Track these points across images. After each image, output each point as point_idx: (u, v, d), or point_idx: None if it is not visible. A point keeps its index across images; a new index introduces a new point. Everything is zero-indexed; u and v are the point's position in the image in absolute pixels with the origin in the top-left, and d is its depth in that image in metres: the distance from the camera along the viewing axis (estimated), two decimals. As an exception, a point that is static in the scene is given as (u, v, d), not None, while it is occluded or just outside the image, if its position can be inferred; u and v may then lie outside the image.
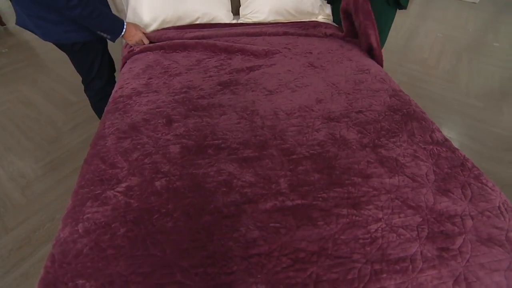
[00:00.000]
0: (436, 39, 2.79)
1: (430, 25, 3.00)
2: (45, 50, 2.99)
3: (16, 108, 2.23)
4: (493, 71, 2.38)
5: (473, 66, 2.43)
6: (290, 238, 0.63)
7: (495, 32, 2.96)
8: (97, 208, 0.69)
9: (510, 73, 2.37)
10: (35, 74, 2.62)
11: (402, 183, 0.75)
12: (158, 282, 0.56)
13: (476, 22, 3.16)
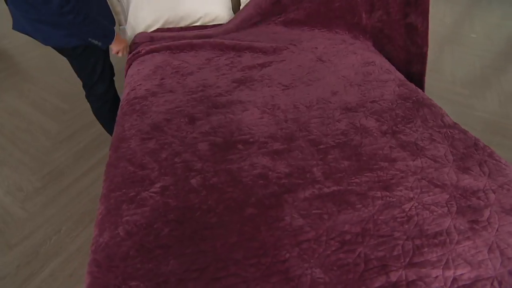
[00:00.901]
0: (419, 32, 2.93)
1: (411, 19, 3.14)
2: (26, 58, 2.85)
3: (4, 120, 2.12)
4: (474, 60, 2.54)
5: (455, 56, 2.58)
6: (333, 223, 0.66)
7: (470, 24, 3.16)
8: (135, 210, 0.68)
9: (488, 62, 2.54)
10: (20, 83, 2.49)
11: (425, 164, 0.80)
12: (214, 277, 0.57)
13: (453, 15, 3.35)
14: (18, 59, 2.86)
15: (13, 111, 2.21)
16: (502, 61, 2.56)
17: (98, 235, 0.67)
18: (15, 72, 2.68)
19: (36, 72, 2.62)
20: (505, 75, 2.40)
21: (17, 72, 2.68)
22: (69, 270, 1.31)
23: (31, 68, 2.68)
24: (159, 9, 1.37)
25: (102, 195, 0.77)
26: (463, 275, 0.58)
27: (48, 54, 2.88)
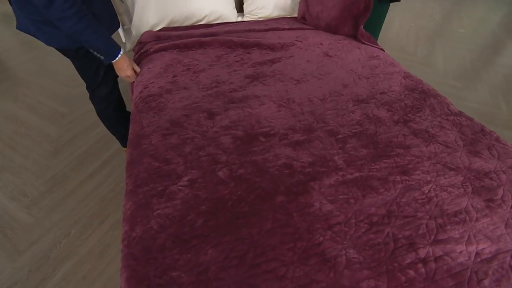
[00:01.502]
0: (410, 28, 3.02)
1: (402, 16, 3.24)
2: (17, 63, 2.79)
3: (1, 125, 2.07)
4: (464, 54, 2.64)
5: (446, 51, 2.67)
6: (360, 206, 0.69)
7: (458, 19, 3.28)
8: (165, 203, 0.70)
9: (477, 55, 2.64)
10: (13, 88, 2.44)
11: (438, 149, 0.84)
12: (254, 263, 0.59)
13: (441, 11, 3.46)
14: (9, 64, 2.79)
15: (10, 116, 2.16)
16: (490, 54, 2.68)
17: (130, 229, 0.68)
18: (7, 77, 2.62)
19: (29, 76, 2.56)
20: (494, 67, 2.51)
21: (9, 77, 2.62)
22: (82, 273, 1.30)
23: (23, 72, 2.62)
24: (165, 9, 1.37)
25: (128, 191, 0.77)
26: (484, 249, 0.63)
27: (40, 57, 2.82)
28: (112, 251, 1.37)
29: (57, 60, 2.76)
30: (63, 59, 3.05)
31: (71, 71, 2.58)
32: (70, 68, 2.75)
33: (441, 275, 0.58)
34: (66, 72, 2.56)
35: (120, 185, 1.65)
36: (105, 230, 1.46)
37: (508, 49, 2.78)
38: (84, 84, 2.28)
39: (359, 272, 0.58)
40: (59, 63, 2.70)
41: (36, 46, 3.01)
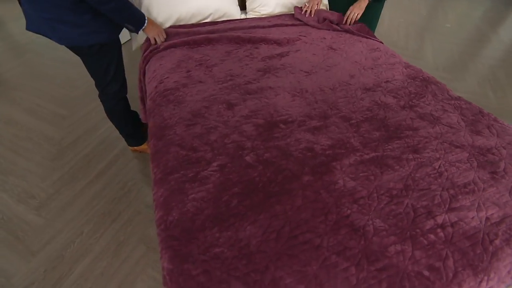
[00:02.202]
0: (399, 24, 3.14)
1: (391, 12, 3.36)
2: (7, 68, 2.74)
3: (0, 130, 2.04)
4: (451, 47, 2.78)
5: (434, 45, 2.80)
6: (379, 182, 0.75)
7: (444, 15, 3.43)
8: (199, 188, 0.74)
9: (464, 48, 2.78)
10: (8, 92, 2.40)
11: (443, 130, 0.91)
12: (291, 235, 0.64)
13: (427, 7, 3.61)
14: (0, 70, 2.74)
15: (8, 119, 2.13)
16: (475, 47, 2.82)
17: (165, 214, 0.71)
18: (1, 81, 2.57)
19: (24, 80, 2.53)
20: (480, 59, 2.65)
21: (1, 82, 2.57)
22: (99, 270, 1.31)
23: (16, 76, 2.58)
24: (171, 7, 1.41)
25: (158, 179, 0.80)
26: (493, 214, 0.70)
27: (32, 61, 2.79)
28: (127, 248, 1.39)
29: (51, 63, 2.73)
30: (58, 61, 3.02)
31: (67, 74, 2.58)
32: (66, 70, 2.73)
33: (458, 238, 0.65)
34: (62, 75, 2.54)
35: (129, 184, 1.67)
36: (118, 227, 1.47)
37: (492, 42, 2.94)
38: (83, 86, 2.31)
39: (386, 238, 0.63)
40: (53, 66, 2.67)
41: (26, 50, 2.97)
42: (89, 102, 2.26)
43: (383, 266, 0.59)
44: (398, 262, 0.60)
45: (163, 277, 0.64)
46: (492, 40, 2.99)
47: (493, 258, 0.62)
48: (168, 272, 0.61)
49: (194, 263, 0.60)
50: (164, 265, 0.63)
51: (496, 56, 2.70)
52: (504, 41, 2.97)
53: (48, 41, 3.07)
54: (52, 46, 2.97)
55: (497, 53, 2.75)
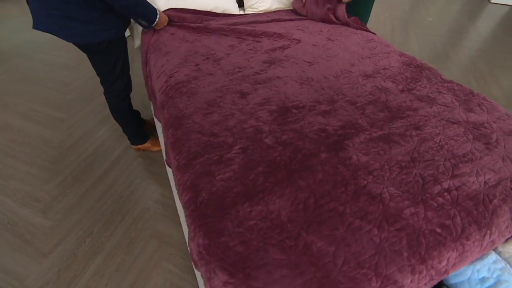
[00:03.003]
0: (385, 19, 3.28)
1: (377, 8, 3.50)
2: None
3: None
4: (434, 39, 2.93)
5: (418, 38, 2.95)
6: (389, 156, 0.82)
7: (425, 9, 3.60)
8: (225, 169, 0.78)
9: (446, 40, 2.94)
10: (0, 98, 2.34)
11: (440, 109, 1.00)
12: (317, 205, 0.70)
13: (409, 2, 3.79)
14: (-13, 75, 2.67)
15: (3, 125, 2.09)
16: (456, 39, 2.99)
17: (194, 196, 0.75)
18: (-10, 87, 2.50)
19: (14, 85, 2.48)
20: (461, 50, 2.81)
21: (-8, 88, 2.50)
22: (114, 266, 1.33)
23: (4, 82, 2.52)
24: (173, 4, 1.44)
25: (182, 165, 0.84)
26: (490, 178, 0.78)
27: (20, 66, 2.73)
28: (139, 244, 1.41)
29: (41, 67, 2.69)
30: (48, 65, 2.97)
31: (59, 77, 2.55)
32: (58, 73, 2.70)
33: (463, 199, 0.72)
34: (55, 78, 2.51)
35: (135, 182, 1.68)
36: (128, 224, 1.49)
37: (470, 33, 3.12)
38: (77, 89, 2.32)
39: (401, 203, 0.71)
40: (44, 70, 2.62)
41: (12, 55, 2.90)
42: (87, 104, 2.24)
43: (401, 226, 0.66)
44: (413, 223, 0.67)
45: (197, 253, 0.68)
46: (471, 31, 3.18)
47: (493, 215, 0.70)
48: (205, 247, 0.65)
49: (230, 236, 0.64)
50: (199, 242, 0.67)
51: (476, 47, 2.87)
52: (481, 33, 3.16)
53: (36, 45, 3.01)
54: (40, 50, 2.91)
55: (476, 44, 2.92)
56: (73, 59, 2.77)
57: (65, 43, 3.03)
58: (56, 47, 2.97)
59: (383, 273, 0.59)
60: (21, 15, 3.56)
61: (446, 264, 0.64)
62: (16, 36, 3.18)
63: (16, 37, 3.15)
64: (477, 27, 3.24)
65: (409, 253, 0.61)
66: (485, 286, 0.67)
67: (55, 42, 3.03)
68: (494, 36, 3.08)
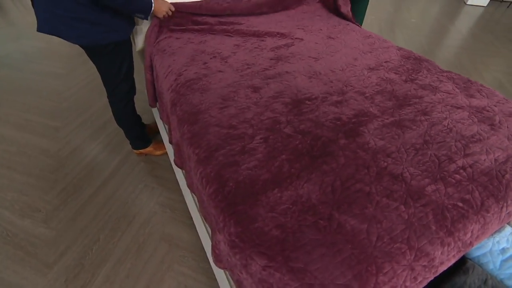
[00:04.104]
0: (372, 21, 3.42)
1: (362, 11, 3.65)
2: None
3: (-13, 148, 1.92)
4: (420, 39, 3.08)
5: (405, 37, 3.09)
6: (403, 140, 0.86)
7: (407, 11, 3.78)
8: (249, 158, 0.79)
9: (430, 40, 3.10)
10: (-8, 109, 2.26)
11: (443, 96, 1.05)
12: (344, 187, 0.72)
13: (392, 4, 3.97)
14: (-25, 85, 2.58)
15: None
16: (439, 38, 3.15)
17: (220, 187, 0.75)
18: (-21, 99, 2.42)
19: (5, 95, 2.41)
20: (445, 48, 2.96)
21: (-19, 99, 2.42)
22: (124, 272, 1.30)
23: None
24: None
25: (203, 158, 0.84)
26: (499, 156, 0.83)
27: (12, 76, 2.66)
28: (149, 248, 1.38)
29: (33, 77, 2.62)
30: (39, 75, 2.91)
31: (52, 86, 2.49)
32: (50, 83, 2.64)
33: (478, 175, 0.76)
34: (48, 87, 2.45)
35: (139, 186, 1.66)
36: (135, 229, 1.46)
37: (451, 32, 3.30)
38: (72, 97, 2.29)
39: (422, 181, 0.74)
40: (35, 80, 2.56)
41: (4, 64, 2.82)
42: (82, 111, 2.20)
43: (425, 202, 0.69)
44: (436, 199, 0.70)
45: (229, 242, 0.68)
46: (452, 31, 3.35)
47: (508, 188, 0.75)
48: (238, 235, 0.65)
49: (264, 221, 0.65)
50: (230, 231, 0.67)
51: (458, 45, 3.03)
52: (461, 32, 3.34)
53: (24, 55, 2.94)
54: (29, 60, 2.84)
55: (458, 42, 3.09)
56: (64, 68, 2.73)
57: (55, 51, 2.98)
58: (46, 56, 2.91)
59: (415, 246, 0.61)
60: (6, 26, 3.48)
61: (470, 236, 0.67)
62: (3, 47, 3.10)
63: (3, 48, 3.07)
64: (457, 27, 3.42)
65: (436, 227, 0.64)
66: (506, 256, 0.71)
67: (45, 52, 2.97)
68: (473, 35, 3.26)
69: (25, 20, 3.66)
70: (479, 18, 3.70)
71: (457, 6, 4.04)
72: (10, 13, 3.90)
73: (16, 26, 3.53)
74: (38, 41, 3.18)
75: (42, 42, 3.17)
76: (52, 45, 3.12)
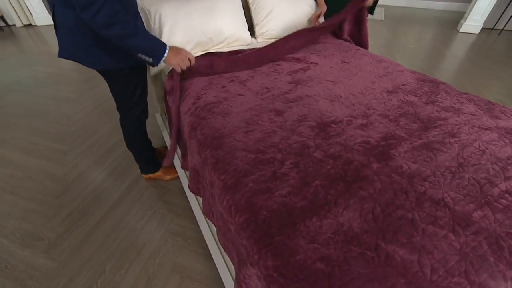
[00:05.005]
0: (372, 47, 3.54)
1: (362, 38, 3.80)
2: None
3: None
4: (419, 64, 3.17)
5: (406, 62, 3.18)
6: (436, 163, 0.83)
7: (405, 37, 3.94)
8: (282, 184, 0.76)
9: (430, 64, 3.19)
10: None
11: (468, 118, 1.05)
12: (385, 214, 0.68)
13: (389, 32, 4.14)
14: (-19, 109, 2.57)
15: (3, 161, 1.97)
16: (438, 62, 3.25)
17: (253, 215, 0.70)
18: (-15, 122, 2.41)
19: (15, 119, 2.40)
20: (445, 71, 3.04)
21: (-12, 123, 2.41)
22: (133, 306, 1.20)
23: (4, 117, 2.43)
24: (191, 32, 1.49)
25: (230, 185, 0.80)
26: (539, 177, 0.80)
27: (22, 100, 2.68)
28: (159, 280, 1.30)
29: (43, 101, 2.63)
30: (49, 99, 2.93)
31: (61, 110, 2.49)
32: (59, 107, 2.65)
33: (523, 199, 0.73)
34: (57, 111, 2.45)
35: (149, 213, 1.59)
36: (145, 260, 1.38)
37: (449, 57, 3.41)
38: (80, 121, 2.28)
39: (467, 206, 0.70)
40: (46, 104, 2.57)
41: (11, 90, 2.84)
42: (90, 135, 2.18)
43: (476, 230, 0.64)
44: (486, 226, 0.66)
45: (266, 277, 0.62)
46: (448, 56, 3.47)
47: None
48: (277, 268, 0.60)
49: (306, 253, 0.60)
50: (267, 264, 0.62)
51: (456, 69, 3.13)
52: (458, 56, 3.46)
53: (36, 80, 2.98)
54: (40, 84, 2.87)
55: (456, 66, 3.18)
56: (74, 92, 2.75)
57: (65, 77, 3.02)
58: (55, 81, 2.94)
59: (476, 281, 0.56)
60: (18, 53, 3.57)
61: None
62: (14, 73, 3.15)
63: (14, 74, 3.12)
64: (453, 52, 3.55)
65: (494, 258, 0.59)
66: None
67: (54, 77, 3.02)
68: (470, 60, 3.37)
69: (37, 48, 3.76)
70: (473, 45, 3.85)
71: (450, 33, 4.22)
72: (23, 42, 4.02)
73: (28, 53, 3.62)
74: (48, 67, 3.25)
75: (52, 68, 3.23)
76: (62, 71, 3.17)
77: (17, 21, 4.39)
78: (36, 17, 4.44)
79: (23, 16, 4.43)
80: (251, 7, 1.74)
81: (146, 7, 1.46)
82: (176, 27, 1.46)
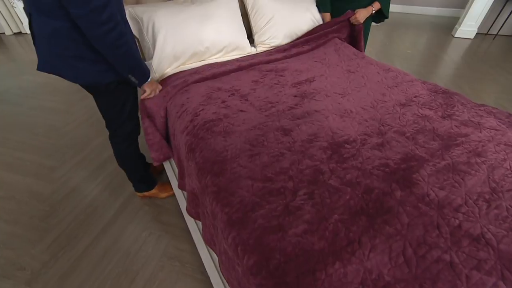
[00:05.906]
0: (370, 53, 3.49)
1: (360, 43, 3.76)
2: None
3: (-25, 193, 1.74)
4: (418, 69, 3.13)
5: (404, 67, 3.13)
6: (466, 188, 0.75)
7: (402, 43, 3.91)
8: (296, 221, 0.66)
9: (428, 69, 3.15)
10: (-18, 148, 2.10)
11: (491, 133, 0.96)
12: (418, 256, 0.59)
13: (386, 37, 4.11)
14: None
15: (-14, 180, 1.83)
16: (436, 67, 3.22)
17: (264, 259, 0.60)
18: (-31, 137, 2.26)
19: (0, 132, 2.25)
20: (444, 76, 3.00)
21: (-29, 138, 2.27)
22: None
23: (-14, 129, 2.29)
24: (187, 42, 1.40)
25: (236, 220, 0.70)
26: None
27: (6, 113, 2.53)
28: (156, 310, 1.18)
29: (29, 113, 2.50)
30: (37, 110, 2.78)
31: (49, 122, 2.36)
32: (48, 119, 2.51)
33: None
34: (44, 123, 2.32)
35: (143, 235, 1.48)
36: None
37: (446, 62, 3.38)
38: (69, 133, 2.13)
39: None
40: (32, 116, 2.44)
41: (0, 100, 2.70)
42: (81, 149, 2.05)
43: (526, 275, 0.55)
44: (537, 268, 0.57)
45: None
46: (446, 60, 3.44)
47: None
48: None
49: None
50: None
51: (454, 73, 3.09)
52: (455, 61, 3.43)
53: (23, 90, 2.84)
54: (27, 95, 2.74)
55: (454, 71, 3.15)
56: (64, 103, 2.62)
57: (55, 87, 2.89)
58: (45, 91, 2.81)
59: None
60: (7, 62, 3.43)
61: None
62: (1, 82, 3.02)
63: (2, 83, 2.98)
64: (450, 57, 3.52)
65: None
66: None
67: (44, 87, 2.89)
68: (467, 64, 3.34)
69: (27, 57, 3.63)
70: (468, 49, 3.83)
71: (445, 38, 4.21)
72: (12, 50, 3.89)
73: (17, 62, 3.49)
74: (38, 77, 3.12)
75: (42, 77, 3.10)
76: (52, 80, 3.04)
77: (6, 29, 4.26)
78: (26, 25, 4.32)
79: (12, 24, 4.30)
80: (250, 14, 1.65)
81: (138, 15, 1.36)
82: (171, 36, 1.36)
